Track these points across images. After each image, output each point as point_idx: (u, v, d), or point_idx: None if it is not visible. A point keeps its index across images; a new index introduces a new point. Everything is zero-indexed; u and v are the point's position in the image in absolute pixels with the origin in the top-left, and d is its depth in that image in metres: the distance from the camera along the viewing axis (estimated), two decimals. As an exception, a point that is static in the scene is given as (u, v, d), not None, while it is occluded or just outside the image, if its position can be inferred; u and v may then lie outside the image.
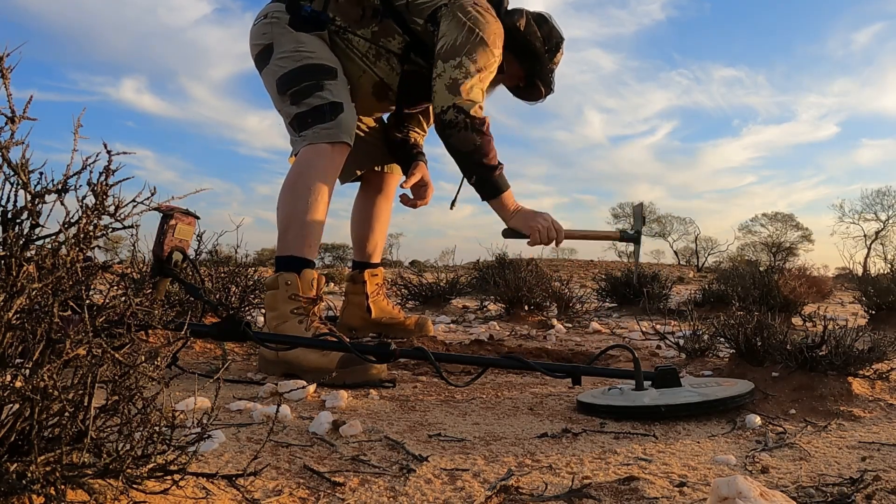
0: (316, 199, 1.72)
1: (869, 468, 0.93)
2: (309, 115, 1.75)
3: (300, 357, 1.56)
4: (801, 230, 36.54)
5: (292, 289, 1.65)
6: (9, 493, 0.57)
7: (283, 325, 1.62)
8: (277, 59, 1.81)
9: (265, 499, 0.79)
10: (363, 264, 2.30)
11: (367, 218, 2.29)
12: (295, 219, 1.70)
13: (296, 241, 1.70)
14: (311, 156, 1.74)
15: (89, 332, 0.62)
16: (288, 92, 1.79)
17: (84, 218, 0.66)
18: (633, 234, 1.94)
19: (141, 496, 0.66)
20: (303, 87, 1.77)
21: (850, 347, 1.35)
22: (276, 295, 1.65)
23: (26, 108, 0.65)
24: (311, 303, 1.65)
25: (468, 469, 0.93)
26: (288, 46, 1.81)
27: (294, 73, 1.79)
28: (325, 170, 1.74)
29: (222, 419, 1.16)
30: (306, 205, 1.71)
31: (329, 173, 1.75)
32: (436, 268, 11.74)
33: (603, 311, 3.89)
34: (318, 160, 1.74)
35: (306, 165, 1.73)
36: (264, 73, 1.88)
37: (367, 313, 2.27)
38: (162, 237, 1.62)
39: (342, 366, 1.53)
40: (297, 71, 1.78)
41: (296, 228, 1.70)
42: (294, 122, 1.78)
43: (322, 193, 1.73)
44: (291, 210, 1.71)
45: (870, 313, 3.19)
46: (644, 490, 0.83)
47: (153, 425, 0.65)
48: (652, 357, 2.00)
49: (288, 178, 1.76)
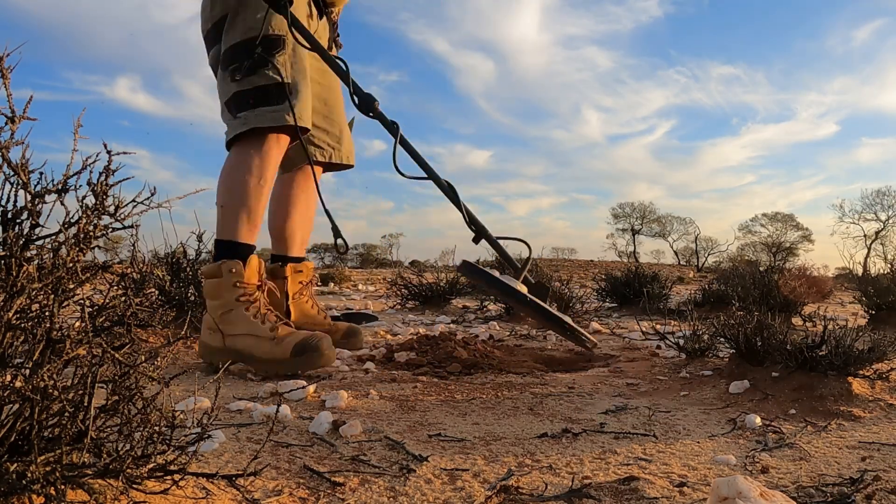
0: (258, 183, 1.65)
1: (869, 468, 0.93)
2: (251, 94, 1.64)
3: (251, 347, 1.52)
4: (801, 230, 36.56)
5: (237, 276, 1.59)
6: (9, 493, 0.57)
7: (229, 313, 1.57)
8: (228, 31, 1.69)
9: (265, 499, 0.80)
10: (283, 258, 2.03)
11: (285, 203, 2.05)
12: (236, 204, 1.64)
13: (238, 226, 1.63)
14: (249, 143, 1.66)
15: (89, 332, 0.62)
16: (229, 68, 1.67)
17: (84, 218, 0.66)
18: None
19: (141, 496, 0.66)
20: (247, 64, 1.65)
21: (850, 347, 1.35)
22: (219, 283, 1.59)
23: (26, 108, 0.65)
24: (257, 290, 1.61)
25: (468, 469, 0.93)
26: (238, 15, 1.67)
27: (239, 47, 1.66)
28: (263, 157, 1.67)
29: (222, 419, 1.16)
30: (248, 190, 1.64)
31: (262, 160, 1.67)
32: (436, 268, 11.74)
33: (603, 311, 3.89)
34: (258, 148, 1.66)
35: (248, 149, 1.66)
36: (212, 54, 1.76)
37: (286, 316, 1.98)
38: None
39: (296, 354, 1.52)
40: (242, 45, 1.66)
41: (238, 214, 1.64)
42: (231, 102, 1.67)
43: (266, 179, 1.66)
44: (233, 195, 1.64)
45: (870, 313, 3.19)
46: (644, 490, 0.83)
47: (153, 425, 0.65)
48: (652, 357, 2.00)
49: (228, 160, 1.68)
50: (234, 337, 1.56)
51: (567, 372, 1.78)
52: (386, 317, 3.28)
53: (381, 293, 5.46)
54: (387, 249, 38.83)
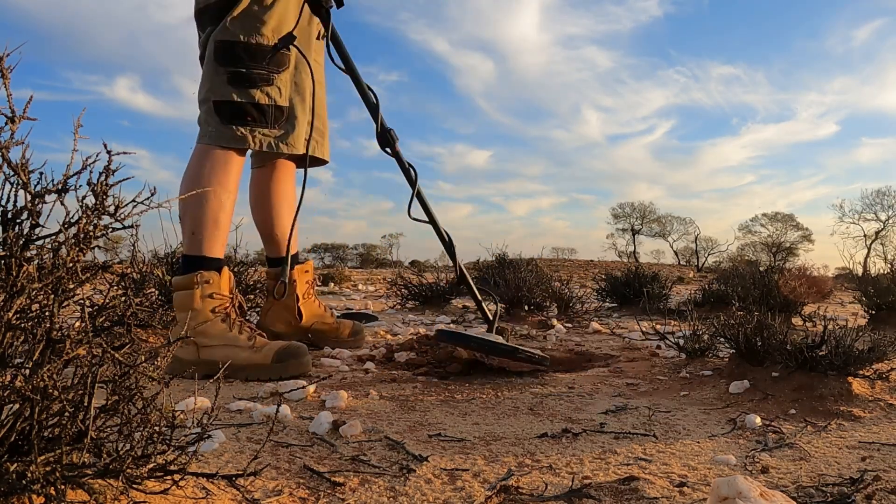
0: (227, 198, 1.62)
1: (869, 468, 0.93)
2: (251, 109, 1.61)
3: (230, 356, 1.50)
4: (801, 230, 36.55)
5: (212, 287, 1.57)
6: (9, 493, 0.57)
7: (204, 325, 1.54)
8: (233, 19, 1.61)
9: (265, 499, 0.80)
10: (293, 258, 1.95)
11: (272, 202, 1.97)
12: (208, 217, 1.59)
13: (209, 240, 1.60)
14: (229, 154, 1.62)
15: (89, 332, 0.62)
16: (229, 67, 1.60)
17: (84, 218, 0.66)
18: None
19: (141, 496, 0.66)
20: (251, 75, 1.60)
21: (850, 347, 1.35)
22: (191, 294, 1.56)
23: (26, 109, 0.65)
24: (229, 302, 1.60)
25: (468, 469, 0.93)
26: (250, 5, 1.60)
27: (244, 50, 1.60)
28: (236, 170, 1.64)
29: (222, 419, 1.16)
30: (221, 204, 1.60)
31: (236, 174, 1.65)
32: (436, 268, 11.74)
33: (603, 311, 3.89)
34: (236, 161, 1.63)
35: (226, 162, 1.61)
36: (208, 33, 1.66)
37: (298, 317, 1.97)
38: None
39: (278, 360, 1.52)
40: (248, 48, 1.60)
41: (209, 227, 1.60)
42: (225, 107, 1.60)
43: (233, 194, 1.64)
44: (202, 209, 1.59)
45: (870, 313, 3.19)
46: (644, 490, 0.83)
47: (153, 425, 0.65)
48: (652, 357, 2.00)
49: (201, 169, 1.61)
50: (210, 348, 1.53)
51: (567, 372, 1.78)
52: (386, 317, 3.28)
53: (381, 293, 5.46)
54: (387, 249, 38.82)
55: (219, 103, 1.61)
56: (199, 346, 1.53)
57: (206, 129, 1.64)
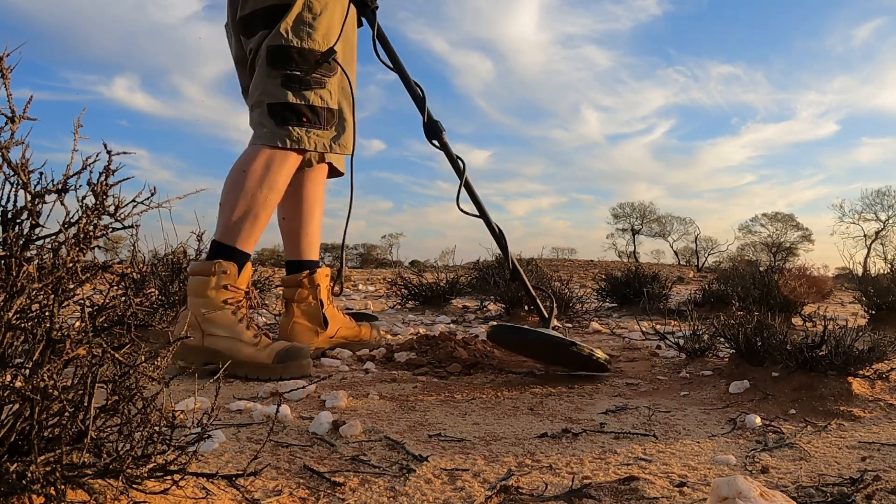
0: (274, 199, 1.65)
1: (869, 468, 0.93)
2: (305, 111, 1.64)
3: (233, 349, 1.51)
4: (801, 230, 36.53)
5: (229, 279, 1.57)
6: (9, 493, 0.57)
7: (213, 314, 1.55)
8: (286, 24, 1.63)
9: (265, 499, 0.80)
10: (313, 263, 1.94)
11: (305, 205, 1.95)
12: (250, 211, 1.61)
13: (244, 233, 1.61)
14: (287, 155, 1.64)
15: (89, 332, 0.62)
16: (283, 71, 1.63)
17: (84, 218, 0.66)
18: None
19: (141, 496, 0.66)
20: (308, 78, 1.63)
21: (850, 347, 1.35)
22: (207, 282, 1.56)
23: (26, 108, 0.65)
24: (244, 296, 1.61)
25: (468, 469, 0.93)
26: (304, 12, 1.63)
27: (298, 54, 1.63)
28: (288, 171, 1.66)
29: (222, 419, 1.16)
30: (265, 201, 1.62)
31: (286, 175, 1.67)
32: (436, 268, 11.75)
33: (603, 311, 3.89)
34: (290, 162, 1.65)
35: (279, 163, 1.63)
36: (259, 37, 1.66)
37: (324, 325, 1.90)
38: None
39: (280, 360, 1.53)
40: (302, 52, 1.63)
41: (248, 221, 1.61)
42: (280, 108, 1.63)
43: (279, 194, 1.66)
44: (245, 203, 1.60)
45: (870, 313, 3.19)
46: (644, 490, 0.83)
47: (153, 425, 0.65)
48: (652, 357, 2.00)
49: (251, 164, 1.62)
50: (214, 337, 1.54)
51: (567, 372, 1.78)
52: (386, 317, 3.28)
53: (381, 293, 5.46)
54: (387, 249, 38.80)
55: (273, 105, 1.63)
56: (204, 332, 1.54)
57: (261, 131, 1.66)
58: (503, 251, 1.79)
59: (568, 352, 1.55)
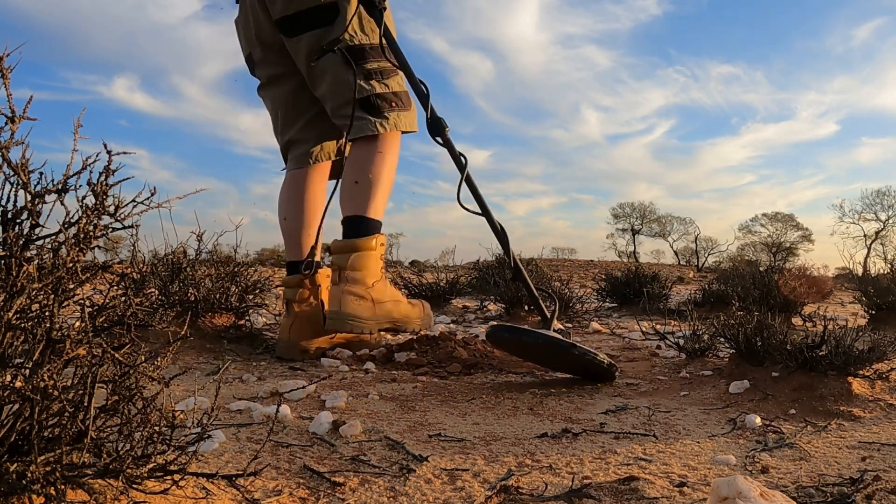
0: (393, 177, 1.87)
1: (869, 468, 0.93)
2: (393, 98, 1.81)
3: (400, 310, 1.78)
4: (801, 230, 36.50)
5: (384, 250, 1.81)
6: (9, 493, 0.57)
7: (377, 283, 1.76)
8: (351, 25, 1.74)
9: (265, 499, 0.80)
10: (316, 263, 1.92)
11: (311, 202, 1.95)
12: (385, 189, 1.82)
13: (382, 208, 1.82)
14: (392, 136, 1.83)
15: (89, 332, 0.62)
16: (365, 67, 1.77)
17: (84, 218, 0.66)
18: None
19: (141, 496, 0.66)
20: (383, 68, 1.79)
21: (850, 347, 1.35)
22: (371, 255, 1.75)
23: (26, 108, 0.65)
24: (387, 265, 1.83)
25: (468, 469, 0.93)
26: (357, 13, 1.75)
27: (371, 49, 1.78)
28: (398, 152, 1.87)
29: (222, 419, 1.16)
30: (391, 179, 1.84)
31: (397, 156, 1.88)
32: (436, 268, 11.74)
33: (603, 311, 3.89)
34: (396, 143, 1.85)
35: (390, 143, 1.82)
36: (310, 37, 1.75)
37: (322, 322, 1.82)
38: None
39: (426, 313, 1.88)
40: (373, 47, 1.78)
41: (384, 198, 1.82)
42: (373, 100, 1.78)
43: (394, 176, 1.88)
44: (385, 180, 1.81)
45: (870, 313, 3.19)
46: (644, 490, 0.83)
47: (153, 425, 0.65)
48: (652, 357, 2.00)
49: (383, 148, 1.81)
50: (383, 304, 1.74)
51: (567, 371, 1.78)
52: (386, 317, 3.28)
53: (381, 293, 5.46)
54: (387, 249, 38.75)
55: (364, 100, 1.78)
56: (375, 302, 1.74)
57: (360, 124, 1.79)
58: (505, 249, 1.79)
59: (569, 354, 1.50)
